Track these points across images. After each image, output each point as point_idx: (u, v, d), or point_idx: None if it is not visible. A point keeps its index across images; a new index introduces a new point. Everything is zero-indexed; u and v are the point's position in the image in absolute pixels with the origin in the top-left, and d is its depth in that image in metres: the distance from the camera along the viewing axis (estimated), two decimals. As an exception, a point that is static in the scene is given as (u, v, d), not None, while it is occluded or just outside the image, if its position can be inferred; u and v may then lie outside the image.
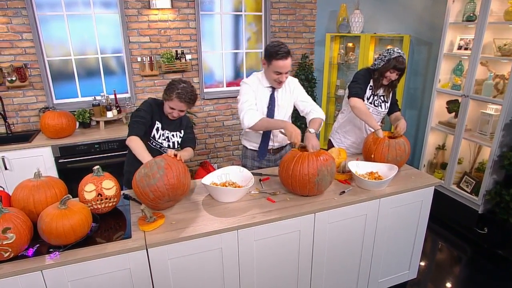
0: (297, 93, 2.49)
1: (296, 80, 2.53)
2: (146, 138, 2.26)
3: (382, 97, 2.67)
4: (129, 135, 2.14)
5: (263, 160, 2.61)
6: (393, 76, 2.50)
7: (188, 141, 2.42)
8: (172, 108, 2.21)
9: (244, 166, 2.65)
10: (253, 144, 2.58)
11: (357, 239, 2.23)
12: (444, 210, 3.52)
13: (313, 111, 2.44)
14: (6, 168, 3.23)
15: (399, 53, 2.46)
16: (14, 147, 3.22)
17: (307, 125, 2.41)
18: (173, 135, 2.37)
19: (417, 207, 2.35)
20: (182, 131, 2.42)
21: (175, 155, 1.96)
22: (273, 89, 2.40)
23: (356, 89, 2.53)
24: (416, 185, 2.27)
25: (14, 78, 3.49)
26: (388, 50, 2.53)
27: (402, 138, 2.42)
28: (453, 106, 3.51)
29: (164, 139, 2.33)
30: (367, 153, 2.45)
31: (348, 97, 2.55)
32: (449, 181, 3.50)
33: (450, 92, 3.46)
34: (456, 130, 3.38)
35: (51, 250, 1.61)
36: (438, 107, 3.65)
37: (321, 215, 2.01)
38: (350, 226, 2.16)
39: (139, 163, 1.96)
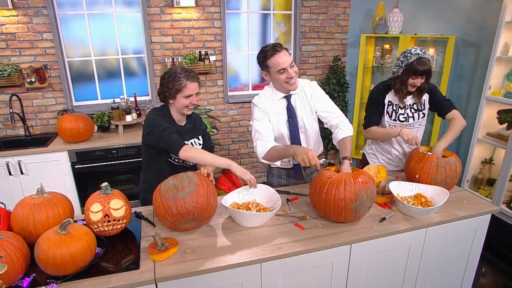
0: (316, 99, 2.11)
1: (314, 83, 2.16)
2: (166, 155, 2.06)
3: (413, 107, 2.32)
4: (180, 146, 1.88)
5: (290, 178, 2.34)
6: (418, 82, 2.15)
7: (210, 151, 2.15)
8: (189, 96, 1.98)
9: (270, 184, 2.36)
10: (273, 163, 2.21)
11: (398, 274, 1.93)
12: (492, 232, 3.12)
13: (341, 127, 2.05)
14: (22, 173, 3.12)
15: (418, 54, 2.09)
16: (30, 151, 3.11)
17: (337, 145, 2.08)
18: (192, 144, 2.13)
19: (470, 237, 2.03)
20: (200, 137, 2.19)
21: (208, 175, 1.82)
22: (288, 99, 2.09)
23: (366, 121, 2.39)
24: (469, 212, 1.94)
25: (33, 80, 3.39)
26: (404, 53, 2.16)
27: (454, 157, 2.09)
28: (505, 116, 3.12)
29: None
30: (410, 173, 2.13)
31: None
32: (498, 200, 3.11)
33: (503, 101, 3.07)
34: (509, 143, 2.99)
35: (48, 281, 1.41)
36: (486, 117, 3.26)
37: (358, 247, 1.73)
38: (391, 259, 1.86)
39: (159, 181, 1.75)
